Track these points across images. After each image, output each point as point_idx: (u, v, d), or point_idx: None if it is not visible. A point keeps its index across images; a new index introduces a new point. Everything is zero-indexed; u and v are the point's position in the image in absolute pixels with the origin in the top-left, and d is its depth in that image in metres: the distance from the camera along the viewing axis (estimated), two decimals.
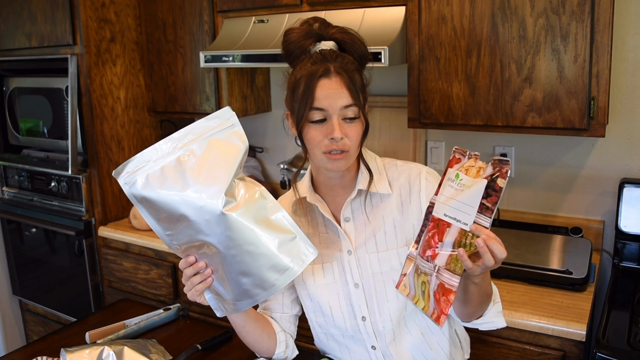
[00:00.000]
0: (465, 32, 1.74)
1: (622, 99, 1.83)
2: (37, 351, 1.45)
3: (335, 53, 1.15)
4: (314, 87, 1.12)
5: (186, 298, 2.21)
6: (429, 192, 1.22)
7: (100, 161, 2.44)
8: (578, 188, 1.96)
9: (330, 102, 1.12)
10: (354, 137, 1.15)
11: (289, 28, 1.21)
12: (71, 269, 2.59)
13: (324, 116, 1.13)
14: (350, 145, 1.15)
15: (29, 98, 2.63)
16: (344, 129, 1.13)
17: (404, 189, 1.24)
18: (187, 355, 1.37)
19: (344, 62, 1.14)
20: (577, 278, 1.61)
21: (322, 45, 1.17)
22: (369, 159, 1.26)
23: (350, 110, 1.13)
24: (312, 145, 1.16)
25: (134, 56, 2.52)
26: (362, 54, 1.20)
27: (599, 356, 1.32)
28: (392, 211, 1.24)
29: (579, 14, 1.57)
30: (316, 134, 1.14)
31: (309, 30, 1.18)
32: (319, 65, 1.13)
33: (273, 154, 2.68)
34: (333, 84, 1.12)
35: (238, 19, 2.20)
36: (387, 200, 1.24)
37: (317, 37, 1.17)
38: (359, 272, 1.24)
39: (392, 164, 1.28)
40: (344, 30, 1.19)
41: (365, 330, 1.26)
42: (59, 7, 2.35)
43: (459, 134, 2.13)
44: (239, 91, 2.41)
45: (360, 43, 1.19)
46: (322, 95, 1.12)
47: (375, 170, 1.25)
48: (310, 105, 1.13)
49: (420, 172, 1.25)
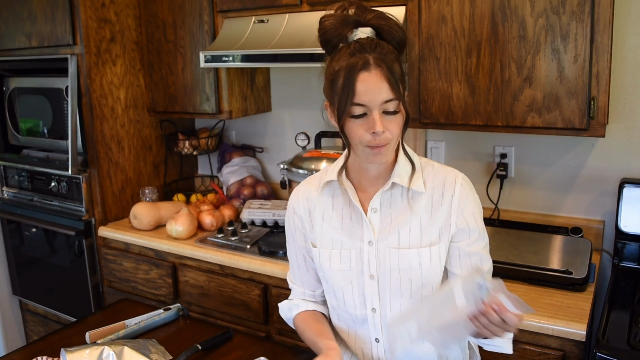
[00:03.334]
0: (465, 32, 1.74)
1: (622, 99, 1.83)
2: (37, 351, 1.45)
3: (374, 42, 1.12)
4: (354, 81, 1.09)
5: (186, 298, 2.22)
6: (461, 199, 1.21)
7: (100, 161, 2.44)
8: (578, 188, 1.96)
9: (370, 97, 1.09)
10: (395, 131, 1.13)
11: (325, 14, 1.17)
12: (71, 269, 2.59)
13: (364, 111, 1.11)
14: (391, 138, 1.13)
15: (29, 98, 2.63)
16: (385, 122, 1.11)
17: (437, 190, 1.23)
18: (187, 355, 1.37)
19: (383, 53, 1.10)
20: (577, 278, 1.61)
21: (359, 33, 1.14)
22: (410, 153, 1.25)
23: (391, 104, 1.11)
24: (354, 139, 1.14)
25: (134, 56, 2.52)
26: (400, 41, 1.16)
27: (599, 356, 1.32)
28: (421, 210, 1.23)
29: (579, 14, 1.57)
30: (357, 128, 1.12)
31: (346, 17, 1.14)
32: (358, 57, 1.10)
33: (273, 154, 2.67)
34: (373, 77, 1.09)
35: (238, 19, 2.20)
36: (419, 199, 1.23)
37: (355, 24, 1.14)
38: (377, 264, 1.23)
39: (430, 164, 1.27)
40: (381, 15, 1.15)
41: (373, 321, 1.26)
42: (59, 7, 2.35)
43: (459, 134, 2.13)
44: (239, 91, 2.41)
45: (398, 28, 1.15)
46: (363, 90, 1.09)
47: (415, 166, 1.24)
48: (351, 100, 1.10)
49: (457, 177, 1.24)
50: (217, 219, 2.34)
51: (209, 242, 2.21)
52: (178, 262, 2.23)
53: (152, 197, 2.53)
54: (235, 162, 2.64)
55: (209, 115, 2.41)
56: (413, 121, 1.89)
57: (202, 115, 2.43)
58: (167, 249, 2.23)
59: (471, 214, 1.23)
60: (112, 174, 2.50)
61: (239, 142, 2.78)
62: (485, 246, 1.26)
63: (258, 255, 2.05)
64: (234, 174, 2.62)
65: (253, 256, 2.04)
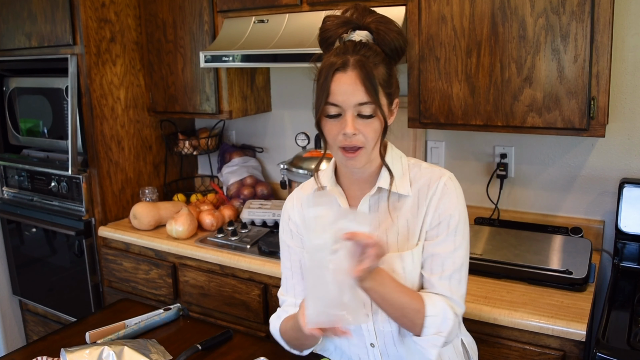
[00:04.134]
0: (465, 32, 1.74)
1: (622, 99, 1.83)
2: (37, 351, 1.45)
3: (360, 45, 1.11)
4: (330, 81, 1.09)
5: (186, 298, 2.21)
6: (440, 197, 1.19)
7: (100, 161, 2.44)
8: (578, 188, 1.96)
9: (344, 97, 1.09)
10: (370, 135, 1.12)
11: (329, 15, 1.17)
12: (71, 269, 2.59)
13: (339, 111, 1.11)
14: (364, 142, 1.12)
15: (29, 98, 2.64)
16: (358, 125, 1.10)
17: (422, 191, 1.22)
18: (187, 355, 1.37)
19: (366, 56, 1.09)
20: (577, 278, 1.61)
21: (354, 35, 1.13)
22: (394, 157, 1.24)
23: (366, 107, 1.10)
24: (329, 139, 1.15)
25: (134, 56, 2.52)
26: (396, 47, 1.14)
27: (599, 356, 1.32)
28: (407, 213, 1.22)
29: (579, 14, 1.57)
30: (332, 128, 1.12)
31: (346, 19, 1.14)
32: (339, 57, 1.09)
33: (273, 154, 2.67)
34: (348, 79, 1.08)
35: (238, 19, 2.20)
36: (405, 201, 1.22)
37: (353, 26, 1.13)
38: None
39: (417, 165, 1.25)
40: (381, 19, 1.14)
41: (366, 327, 1.25)
42: (59, 7, 2.35)
43: (459, 134, 2.13)
44: (239, 91, 2.41)
45: (397, 34, 1.14)
46: (337, 90, 1.09)
47: (398, 170, 1.23)
48: (325, 99, 1.10)
49: (442, 176, 1.21)
50: (217, 219, 2.34)
51: (209, 242, 2.21)
52: (178, 262, 2.23)
53: (152, 197, 2.53)
54: (235, 162, 2.64)
55: (209, 115, 2.41)
56: (413, 121, 1.89)
57: (202, 115, 2.43)
58: (167, 249, 2.23)
59: (448, 214, 1.19)
60: (112, 174, 2.50)
61: (239, 142, 2.78)
62: (455, 251, 1.19)
63: (258, 255, 2.05)
64: (234, 174, 2.62)
65: (253, 256, 2.04)
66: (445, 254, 1.19)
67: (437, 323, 1.15)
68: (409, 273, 1.20)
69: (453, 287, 1.19)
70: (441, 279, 1.19)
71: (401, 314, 1.14)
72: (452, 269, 1.19)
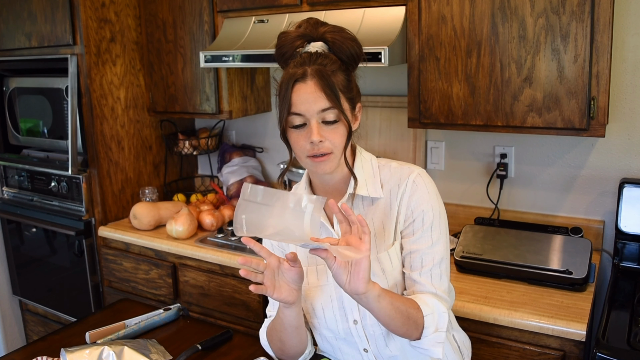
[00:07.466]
0: (465, 32, 1.74)
1: (622, 99, 1.83)
2: (37, 351, 1.45)
3: (315, 55, 1.14)
4: (290, 92, 1.12)
5: (186, 298, 2.22)
6: (411, 195, 1.20)
7: (100, 161, 2.44)
8: (578, 188, 1.96)
9: (306, 106, 1.11)
10: (337, 140, 1.14)
11: (282, 31, 1.19)
12: (71, 269, 2.59)
13: (304, 121, 1.13)
14: (332, 148, 1.14)
15: (29, 98, 2.64)
16: (324, 132, 1.13)
17: (392, 191, 1.23)
18: (187, 355, 1.37)
19: (323, 64, 1.12)
20: (577, 278, 1.61)
21: (310, 47, 1.16)
22: (364, 161, 1.25)
23: (329, 113, 1.12)
24: (296, 150, 1.17)
25: (134, 56, 2.52)
26: (352, 54, 1.17)
27: (599, 356, 1.32)
28: (380, 214, 1.23)
29: (579, 14, 1.57)
30: (298, 138, 1.15)
31: (300, 32, 1.17)
32: (297, 68, 1.12)
33: (273, 154, 2.68)
34: (309, 88, 1.11)
35: (238, 19, 2.20)
36: (377, 203, 1.23)
37: (307, 39, 1.16)
38: None
39: (387, 166, 1.26)
40: (334, 29, 1.17)
41: (357, 333, 1.25)
42: (59, 7, 2.35)
43: (459, 134, 2.13)
44: (239, 91, 2.41)
45: (352, 42, 1.17)
46: (298, 100, 1.12)
47: (369, 172, 1.24)
48: (288, 110, 1.13)
49: (411, 174, 1.22)
50: (217, 219, 2.34)
51: (209, 242, 2.21)
52: (178, 262, 2.23)
53: (152, 197, 2.53)
54: (235, 162, 2.64)
55: (209, 115, 2.41)
56: (413, 121, 1.89)
57: (202, 115, 2.43)
58: (167, 249, 2.23)
59: (420, 210, 1.20)
60: (112, 174, 2.50)
61: (239, 142, 2.78)
62: (432, 246, 1.20)
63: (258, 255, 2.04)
64: (234, 174, 2.62)
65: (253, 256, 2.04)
66: (423, 249, 1.20)
67: (434, 320, 1.16)
68: (389, 274, 1.21)
69: (435, 282, 1.20)
70: (422, 275, 1.20)
71: (406, 317, 1.14)
72: (431, 264, 1.20)
